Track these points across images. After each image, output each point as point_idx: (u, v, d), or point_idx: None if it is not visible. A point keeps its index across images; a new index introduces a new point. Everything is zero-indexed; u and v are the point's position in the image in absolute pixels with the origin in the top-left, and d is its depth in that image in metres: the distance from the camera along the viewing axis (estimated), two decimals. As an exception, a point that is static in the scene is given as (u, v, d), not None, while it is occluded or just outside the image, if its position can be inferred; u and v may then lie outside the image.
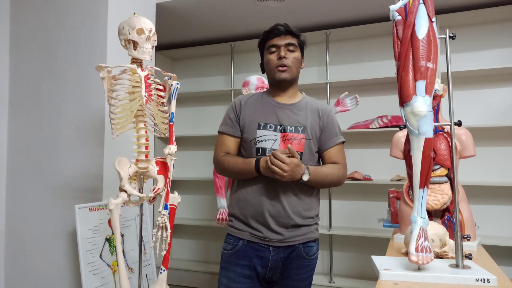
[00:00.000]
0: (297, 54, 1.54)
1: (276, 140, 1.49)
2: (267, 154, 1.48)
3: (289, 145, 1.40)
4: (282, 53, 1.50)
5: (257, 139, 1.50)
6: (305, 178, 1.42)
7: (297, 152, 1.48)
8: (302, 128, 1.51)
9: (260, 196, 1.49)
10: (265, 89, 2.33)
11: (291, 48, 1.52)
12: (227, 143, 1.57)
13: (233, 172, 1.53)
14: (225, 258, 1.54)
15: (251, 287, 1.50)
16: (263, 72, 1.63)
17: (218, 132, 1.61)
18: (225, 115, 1.61)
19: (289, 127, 1.51)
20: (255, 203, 1.49)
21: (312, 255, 1.55)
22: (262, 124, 1.52)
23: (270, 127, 1.51)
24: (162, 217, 1.54)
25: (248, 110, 1.56)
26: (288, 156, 1.39)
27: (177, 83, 1.60)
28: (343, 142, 1.58)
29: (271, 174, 1.41)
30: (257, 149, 1.50)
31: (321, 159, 1.58)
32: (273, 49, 1.53)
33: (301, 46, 1.57)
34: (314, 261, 1.56)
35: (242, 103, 1.59)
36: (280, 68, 1.51)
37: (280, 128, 1.51)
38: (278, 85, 1.56)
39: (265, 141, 1.50)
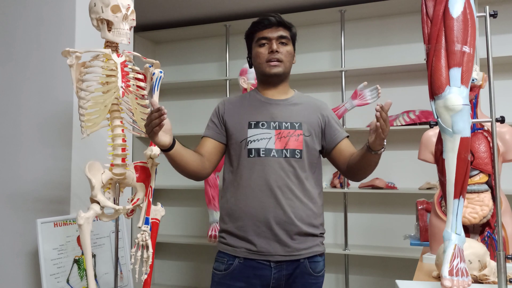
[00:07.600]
0: (290, 47, 1.65)
1: (270, 138, 1.57)
2: (261, 155, 1.56)
3: (387, 101, 1.36)
4: (274, 47, 1.59)
5: (248, 139, 1.58)
6: (385, 144, 1.41)
7: (296, 149, 1.57)
8: (298, 124, 1.61)
9: (258, 202, 1.54)
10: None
11: (283, 41, 1.62)
12: (203, 144, 1.65)
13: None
14: (217, 280, 1.60)
15: None
16: (250, 67, 1.73)
17: (201, 137, 1.70)
18: (208, 121, 1.73)
19: (284, 123, 1.60)
20: (253, 211, 1.54)
21: (319, 272, 1.61)
22: (253, 122, 1.60)
23: (263, 125, 1.59)
24: (142, 234, 1.54)
25: (234, 110, 1.65)
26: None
27: (161, 72, 1.61)
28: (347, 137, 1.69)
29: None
30: (249, 150, 1.58)
31: (332, 156, 1.66)
32: (263, 42, 1.62)
33: (293, 39, 1.68)
34: (321, 279, 1.62)
35: (226, 104, 1.70)
36: (272, 63, 1.60)
37: (274, 125, 1.59)
38: (269, 81, 1.66)
39: (258, 141, 1.58)
